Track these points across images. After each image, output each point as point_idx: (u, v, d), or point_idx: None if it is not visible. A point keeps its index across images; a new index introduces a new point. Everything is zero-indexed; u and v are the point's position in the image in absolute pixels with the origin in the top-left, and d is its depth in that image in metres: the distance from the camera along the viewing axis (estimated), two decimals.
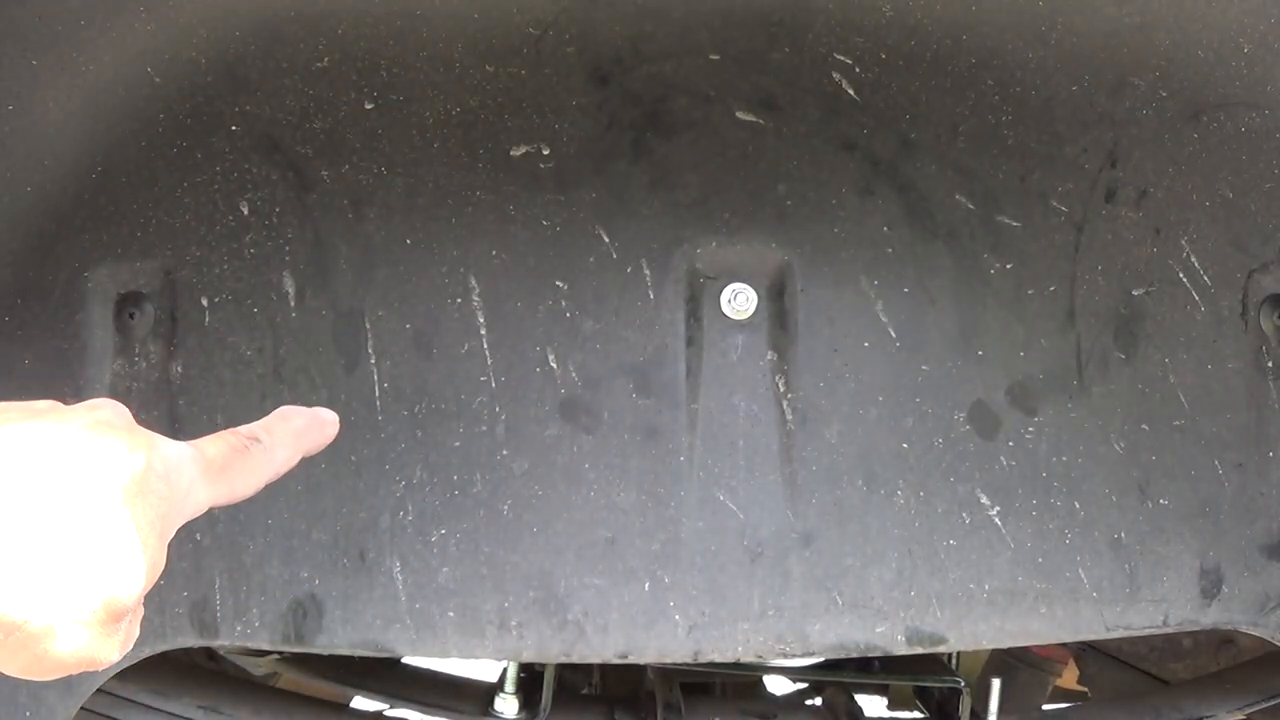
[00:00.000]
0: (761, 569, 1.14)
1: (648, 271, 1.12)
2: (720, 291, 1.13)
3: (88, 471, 0.63)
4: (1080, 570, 1.15)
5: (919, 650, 1.15)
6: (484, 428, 1.11)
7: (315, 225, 1.11)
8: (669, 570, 1.14)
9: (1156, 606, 1.16)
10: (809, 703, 1.76)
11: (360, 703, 1.64)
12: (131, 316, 1.13)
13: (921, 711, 1.67)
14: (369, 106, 1.08)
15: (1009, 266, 1.13)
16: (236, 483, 0.75)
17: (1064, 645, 1.81)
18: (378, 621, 1.11)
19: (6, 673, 0.62)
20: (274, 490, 0.82)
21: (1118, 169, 1.10)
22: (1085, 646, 1.81)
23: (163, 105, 1.06)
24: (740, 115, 1.09)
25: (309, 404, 1.11)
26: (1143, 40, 1.03)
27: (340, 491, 1.12)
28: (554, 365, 1.11)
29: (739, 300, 1.13)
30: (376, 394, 1.11)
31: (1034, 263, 1.13)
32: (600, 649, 1.14)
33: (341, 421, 0.84)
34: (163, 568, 0.65)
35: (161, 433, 1.11)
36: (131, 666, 1.13)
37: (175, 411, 1.13)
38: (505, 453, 1.12)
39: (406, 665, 1.67)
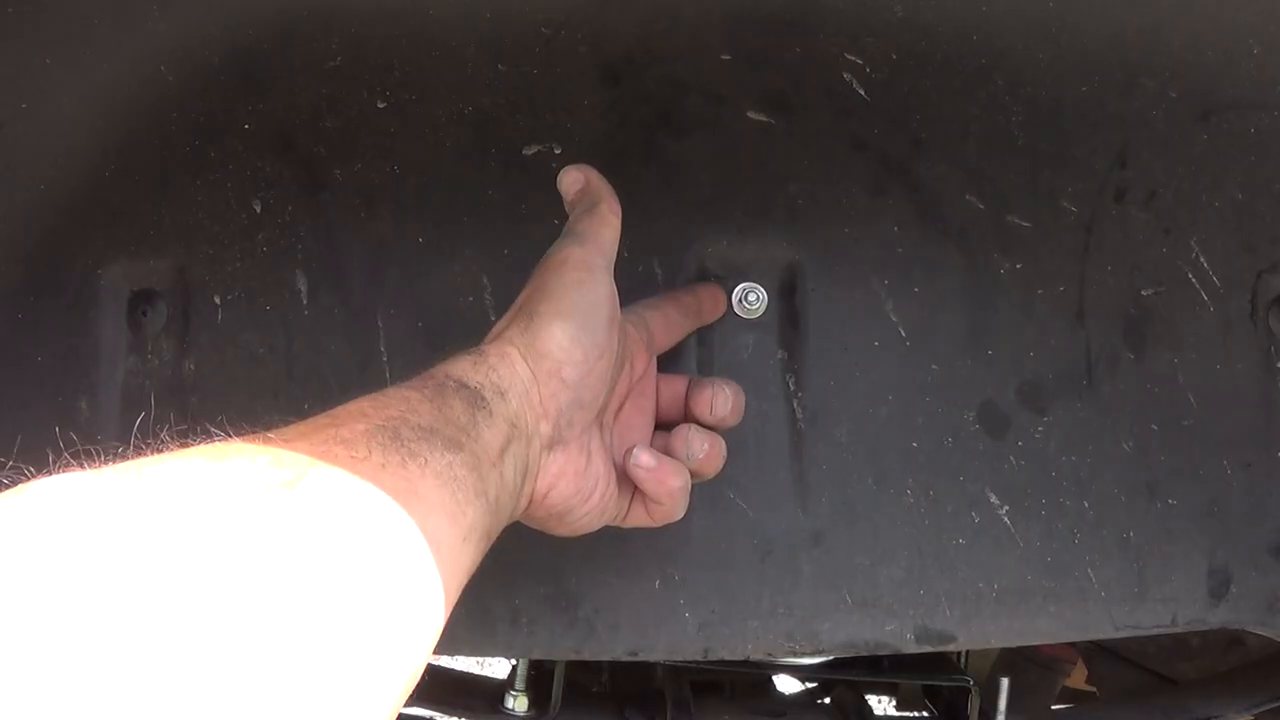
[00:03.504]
0: (771, 567, 1.14)
1: (659, 270, 1.12)
2: (731, 290, 1.13)
3: None
4: (1089, 569, 1.15)
5: (928, 649, 1.15)
6: None
7: (328, 223, 1.12)
8: (679, 568, 1.14)
9: (1165, 606, 1.16)
10: (818, 702, 1.76)
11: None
12: (144, 314, 1.13)
13: (930, 711, 1.67)
14: (381, 105, 1.08)
15: (1019, 266, 1.13)
16: None
17: (1073, 644, 1.81)
18: None
19: None
20: None
21: (1127, 169, 1.10)
22: (1094, 646, 1.81)
23: (176, 104, 1.06)
24: (751, 115, 1.09)
25: (320, 401, 1.11)
26: (1152, 41, 1.03)
27: None
28: None
29: (750, 299, 1.13)
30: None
31: (1044, 263, 1.13)
32: (610, 646, 1.14)
33: None
34: None
35: (173, 430, 1.12)
36: None
37: (188, 409, 1.13)
38: None
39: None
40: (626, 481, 0.96)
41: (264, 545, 0.53)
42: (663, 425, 1.03)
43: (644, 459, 0.93)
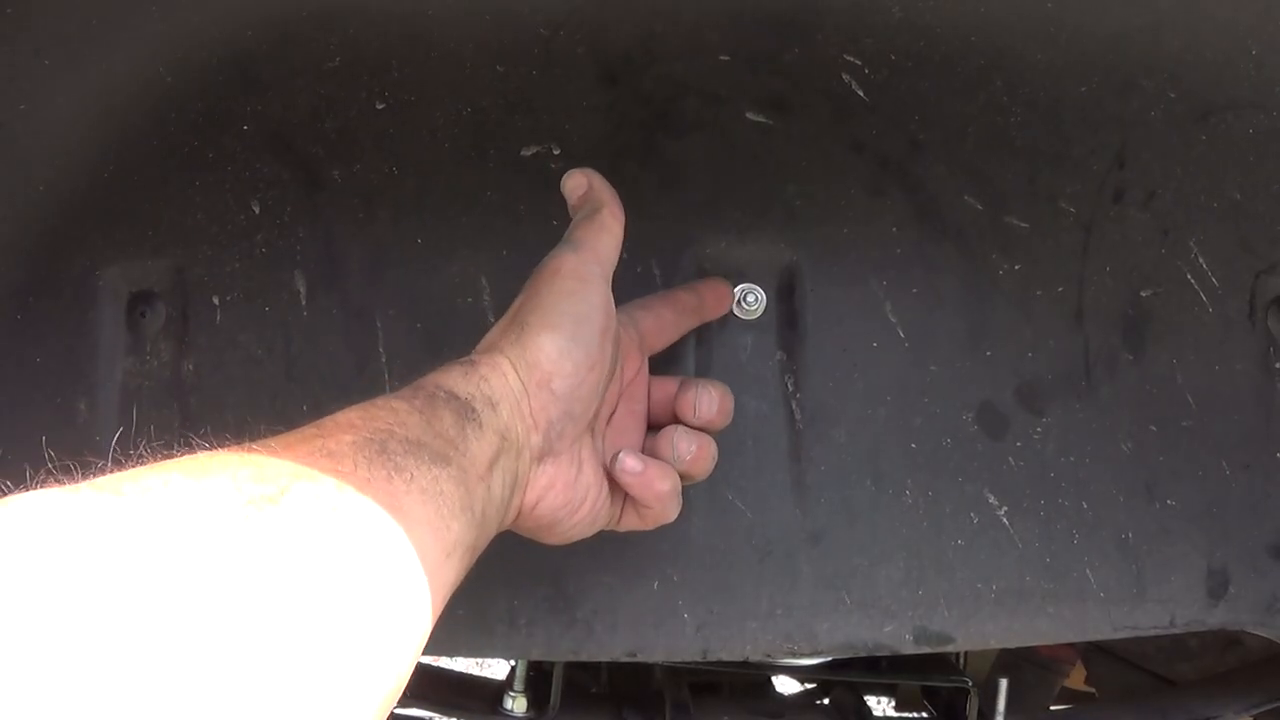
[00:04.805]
0: (770, 568, 1.14)
1: (657, 271, 1.12)
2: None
3: None
4: (1087, 570, 1.15)
5: (926, 649, 1.15)
6: None
7: (326, 225, 1.11)
8: (678, 569, 1.14)
9: (1163, 607, 1.16)
10: (817, 703, 1.76)
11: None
12: (143, 315, 1.13)
13: (929, 711, 1.67)
14: (380, 106, 1.08)
15: (1017, 267, 1.13)
16: None
17: (1071, 645, 1.81)
18: None
19: None
20: None
21: (1126, 170, 1.10)
22: (1093, 646, 1.81)
23: (175, 104, 1.06)
24: (750, 116, 1.09)
25: (318, 402, 1.11)
26: (1151, 42, 1.03)
27: None
28: None
29: (748, 300, 1.13)
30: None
31: (1042, 263, 1.13)
32: (609, 647, 1.14)
33: None
34: None
35: (173, 431, 1.12)
36: None
37: (187, 410, 1.13)
38: None
39: (416, 663, 1.67)
40: (618, 486, 0.95)
41: (242, 564, 0.53)
42: (656, 428, 1.02)
43: (629, 463, 0.92)
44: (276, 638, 0.52)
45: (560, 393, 0.86)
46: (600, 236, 0.94)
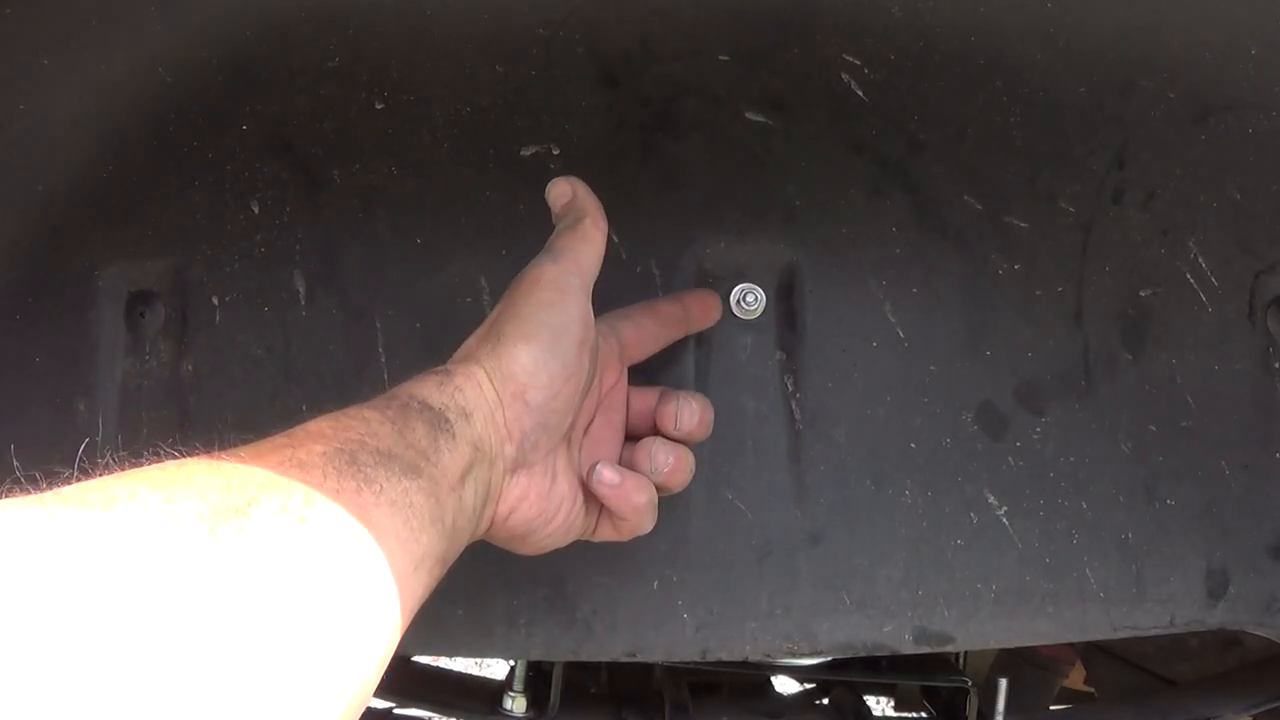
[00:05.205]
0: (770, 568, 1.14)
1: (657, 271, 1.12)
2: (729, 292, 1.13)
3: None
4: (1087, 570, 1.15)
5: (926, 649, 1.15)
6: None
7: (326, 224, 1.11)
8: (677, 569, 1.14)
9: (1163, 607, 1.16)
10: (816, 703, 1.76)
11: (369, 701, 1.64)
12: (142, 315, 1.13)
13: (929, 711, 1.67)
14: (379, 106, 1.08)
15: (1017, 267, 1.13)
16: None
17: (1071, 645, 1.81)
18: None
19: None
20: None
21: (1125, 170, 1.10)
22: (1092, 646, 1.81)
23: (174, 105, 1.06)
24: (749, 116, 1.09)
25: (318, 402, 1.11)
26: (1150, 42, 1.03)
27: None
28: None
29: (748, 300, 1.13)
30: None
31: (1042, 263, 1.13)
32: (608, 647, 1.14)
33: None
34: None
35: (172, 431, 1.12)
36: None
37: (186, 410, 1.13)
38: None
39: (415, 664, 1.67)
40: (593, 497, 0.94)
41: (207, 577, 0.53)
42: (634, 438, 1.02)
43: (607, 476, 0.92)
44: (240, 650, 0.52)
45: (535, 404, 0.85)
46: (582, 246, 0.93)
